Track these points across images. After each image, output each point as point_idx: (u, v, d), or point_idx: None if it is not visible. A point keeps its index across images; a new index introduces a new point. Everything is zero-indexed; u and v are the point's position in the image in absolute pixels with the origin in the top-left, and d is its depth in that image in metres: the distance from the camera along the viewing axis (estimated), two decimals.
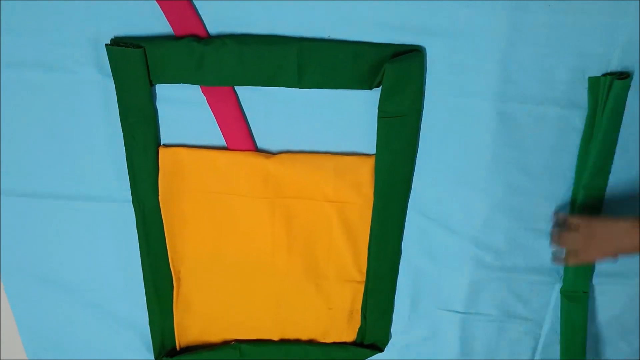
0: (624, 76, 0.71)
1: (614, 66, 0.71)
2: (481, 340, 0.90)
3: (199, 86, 0.74)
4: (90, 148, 0.78)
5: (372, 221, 0.80)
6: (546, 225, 0.82)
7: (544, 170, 0.79)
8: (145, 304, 0.87)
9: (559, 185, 0.79)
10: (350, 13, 0.69)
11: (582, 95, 0.73)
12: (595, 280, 0.85)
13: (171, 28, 0.70)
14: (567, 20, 0.69)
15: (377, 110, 0.73)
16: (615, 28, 0.69)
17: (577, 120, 0.75)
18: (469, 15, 0.69)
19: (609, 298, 0.86)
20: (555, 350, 0.89)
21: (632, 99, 0.73)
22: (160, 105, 0.75)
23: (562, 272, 0.85)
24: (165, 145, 0.77)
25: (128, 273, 0.86)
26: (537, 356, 0.92)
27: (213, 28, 0.71)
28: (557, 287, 0.86)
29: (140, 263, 0.84)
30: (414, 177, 0.79)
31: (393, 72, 0.70)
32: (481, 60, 0.71)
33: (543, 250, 0.83)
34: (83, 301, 0.89)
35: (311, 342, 0.90)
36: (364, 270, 0.84)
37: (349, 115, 0.76)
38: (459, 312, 0.88)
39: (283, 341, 0.90)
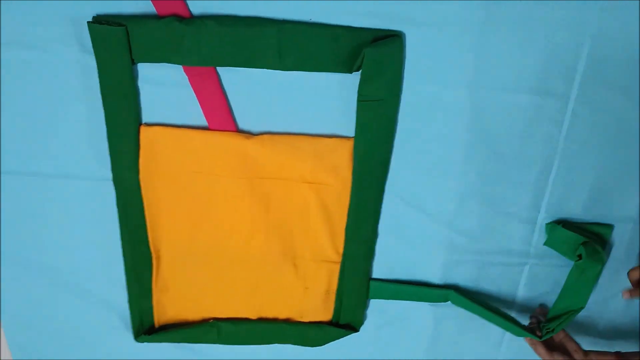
0: None
1: (585, 55, 0.74)
2: (454, 320, 0.93)
3: (181, 66, 0.74)
4: (70, 126, 0.78)
5: (349, 203, 0.82)
6: (516, 209, 0.85)
7: (516, 157, 0.81)
8: (125, 283, 0.88)
9: (529, 171, 0.82)
10: None
11: (554, 84, 0.76)
12: None
13: (154, 7, 0.70)
14: (539, 13, 0.71)
15: (356, 94, 0.75)
16: (585, 20, 0.72)
17: (549, 108, 0.78)
18: (445, 4, 0.71)
19: None
20: None
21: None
22: (142, 84, 0.76)
23: (531, 254, 0.88)
24: (147, 124, 0.78)
25: (107, 252, 0.86)
26: (507, 337, 0.95)
27: (196, 8, 0.71)
28: (526, 269, 0.89)
29: (120, 242, 0.85)
30: (391, 161, 0.81)
31: (372, 57, 0.71)
32: (456, 49, 0.73)
33: (513, 234, 0.87)
34: (61, 280, 0.89)
35: (288, 321, 0.92)
36: (341, 250, 0.86)
37: (330, 99, 0.77)
38: None
39: (260, 320, 0.92)
